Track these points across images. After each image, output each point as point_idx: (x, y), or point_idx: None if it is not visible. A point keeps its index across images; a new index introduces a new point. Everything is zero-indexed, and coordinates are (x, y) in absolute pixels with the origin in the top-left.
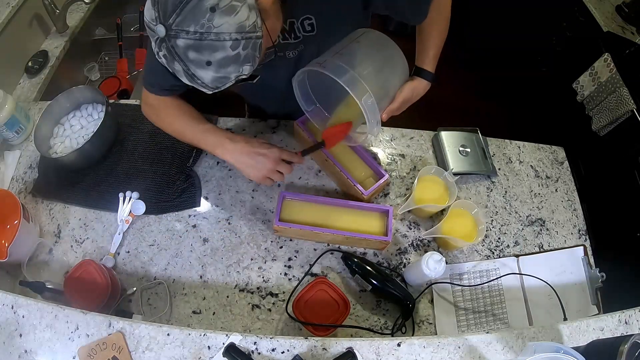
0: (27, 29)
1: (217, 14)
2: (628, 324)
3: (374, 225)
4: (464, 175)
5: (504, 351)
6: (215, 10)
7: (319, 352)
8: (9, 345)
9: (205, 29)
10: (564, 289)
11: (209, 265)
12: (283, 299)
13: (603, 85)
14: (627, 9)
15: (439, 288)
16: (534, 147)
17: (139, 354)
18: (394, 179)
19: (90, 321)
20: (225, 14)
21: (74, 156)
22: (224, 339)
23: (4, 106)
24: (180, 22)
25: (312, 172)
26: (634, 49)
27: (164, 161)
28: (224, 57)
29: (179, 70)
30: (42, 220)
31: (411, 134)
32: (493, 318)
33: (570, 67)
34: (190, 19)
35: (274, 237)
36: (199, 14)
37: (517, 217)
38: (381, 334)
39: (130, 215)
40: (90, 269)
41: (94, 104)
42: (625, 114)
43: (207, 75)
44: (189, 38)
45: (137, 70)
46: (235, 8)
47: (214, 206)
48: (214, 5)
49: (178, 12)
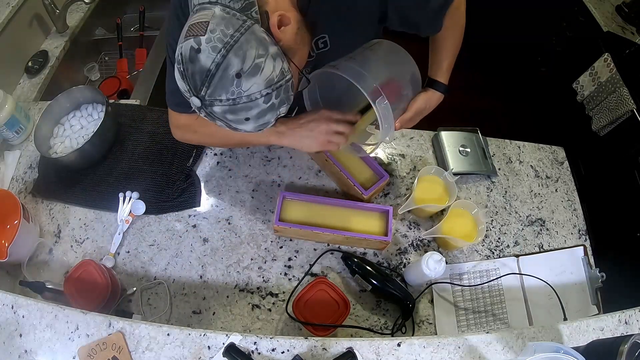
0: (27, 29)
1: (244, 79)
2: (628, 324)
3: (374, 225)
4: (464, 175)
5: (504, 351)
6: (240, 76)
7: (319, 352)
8: (9, 345)
9: (236, 95)
10: (564, 289)
11: (209, 265)
12: (283, 299)
13: (603, 85)
14: (627, 9)
15: (439, 288)
16: (534, 147)
17: (139, 354)
18: (394, 179)
19: (90, 321)
20: (251, 76)
21: (74, 156)
22: (224, 339)
23: (4, 106)
24: (212, 93)
25: (312, 172)
26: (634, 49)
27: (164, 161)
28: (259, 111)
29: (221, 125)
30: (42, 220)
31: (411, 134)
32: (493, 318)
33: (570, 67)
34: (220, 89)
35: (274, 237)
36: (227, 83)
37: (517, 217)
38: (381, 334)
39: (130, 215)
40: (90, 269)
41: (94, 104)
42: (625, 114)
43: (248, 127)
44: (223, 105)
45: (137, 70)
46: (259, 66)
47: (214, 206)
48: (238, 71)
49: (207, 85)
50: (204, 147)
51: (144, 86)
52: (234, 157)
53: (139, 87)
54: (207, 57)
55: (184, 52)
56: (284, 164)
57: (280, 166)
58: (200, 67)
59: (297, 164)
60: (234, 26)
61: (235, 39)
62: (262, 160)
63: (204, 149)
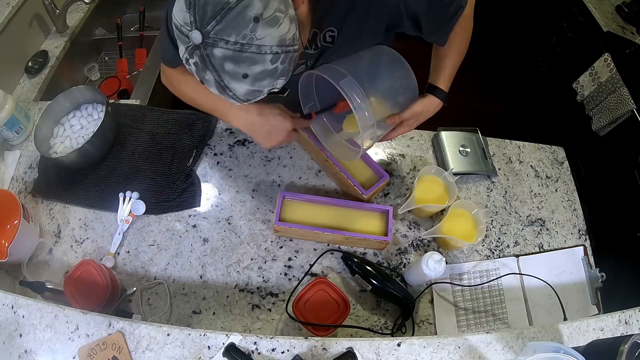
0: (27, 29)
1: (261, 25)
2: (628, 324)
3: (374, 225)
4: (464, 175)
5: (504, 351)
6: (259, 20)
7: (319, 352)
8: (9, 345)
9: (247, 40)
10: (564, 289)
11: (209, 265)
12: (283, 299)
13: (603, 85)
14: (627, 9)
15: (439, 288)
16: (534, 147)
17: (139, 354)
18: (394, 179)
19: (90, 321)
20: (268, 26)
21: (74, 156)
22: (224, 339)
23: (4, 106)
24: (220, 30)
25: (312, 172)
26: (634, 49)
27: (164, 161)
28: (261, 70)
29: (209, 80)
30: (42, 220)
31: (411, 133)
32: (493, 318)
33: (570, 67)
34: (232, 28)
35: (274, 237)
36: (242, 23)
37: (517, 217)
38: (381, 334)
39: (130, 215)
40: (90, 269)
41: (94, 104)
42: (625, 114)
43: (242, 88)
44: (228, 48)
45: (137, 70)
46: (278, 19)
47: (214, 206)
48: (257, 15)
49: (219, 19)
50: (204, 147)
51: (144, 86)
52: (234, 157)
53: (139, 87)
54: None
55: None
56: (284, 164)
57: (280, 166)
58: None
59: (297, 164)
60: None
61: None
62: (262, 160)
63: (204, 148)
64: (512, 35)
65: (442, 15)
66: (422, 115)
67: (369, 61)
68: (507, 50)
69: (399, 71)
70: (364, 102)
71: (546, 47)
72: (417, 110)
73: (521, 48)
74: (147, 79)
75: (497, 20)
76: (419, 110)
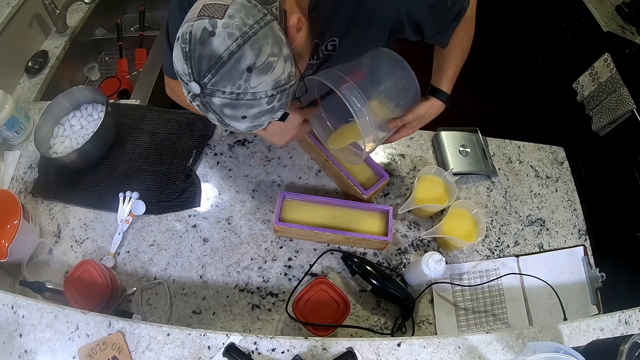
0: (27, 29)
1: (254, 74)
2: (628, 324)
3: (374, 225)
4: (464, 175)
5: (504, 351)
6: (252, 70)
7: (319, 352)
8: (9, 345)
9: (242, 89)
10: (564, 289)
11: (209, 265)
12: (283, 299)
13: (603, 85)
14: (627, 9)
15: (439, 288)
16: (534, 147)
17: (139, 354)
18: (394, 179)
19: (90, 321)
20: (262, 73)
21: (74, 156)
22: (224, 339)
23: (4, 106)
24: (216, 82)
25: (312, 172)
26: (634, 49)
27: (164, 161)
28: (259, 111)
29: (212, 119)
30: (42, 220)
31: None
32: (493, 318)
33: (570, 67)
34: (227, 80)
35: (274, 237)
36: (236, 74)
37: (517, 217)
38: (381, 334)
39: (130, 215)
40: (90, 269)
41: (94, 104)
42: (625, 114)
43: (242, 125)
44: (225, 97)
45: (137, 70)
46: (271, 65)
47: (214, 206)
48: (250, 65)
49: (214, 72)
50: (204, 147)
51: (144, 86)
52: (234, 157)
53: (139, 87)
54: (221, 43)
55: (195, 32)
56: (284, 164)
57: (280, 166)
58: (210, 52)
59: (297, 164)
60: (254, 17)
61: (254, 31)
62: (262, 160)
63: (204, 148)
64: (512, 35)
65: (444, 18)
66: (424, 117)
67: (369, 64)
68: (507, 50)
69: (400, 73)
70: (364, 106)
71: (546, 47)
72: (419, 113)
73: (521, 48)
74: (147, 79)
75: (497, 20)
76: (421, 113)
